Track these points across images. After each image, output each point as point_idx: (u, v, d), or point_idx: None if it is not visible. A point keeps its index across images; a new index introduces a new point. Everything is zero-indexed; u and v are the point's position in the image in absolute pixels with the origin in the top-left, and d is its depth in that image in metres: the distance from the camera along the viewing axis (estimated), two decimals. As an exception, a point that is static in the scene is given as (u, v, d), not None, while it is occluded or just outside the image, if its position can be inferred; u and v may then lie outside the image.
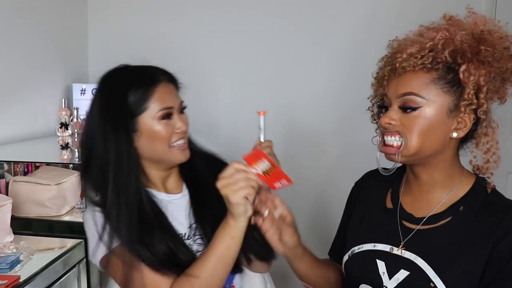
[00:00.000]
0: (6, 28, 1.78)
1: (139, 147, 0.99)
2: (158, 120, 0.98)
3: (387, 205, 0.98)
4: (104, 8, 2.44)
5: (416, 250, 0.88)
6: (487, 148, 0.86)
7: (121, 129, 0.96)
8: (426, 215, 0.90)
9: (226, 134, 2.36)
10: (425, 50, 0.84)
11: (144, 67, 1.03)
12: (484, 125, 0.86)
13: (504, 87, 0.87)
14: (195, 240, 1.04)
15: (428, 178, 0.91)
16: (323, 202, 2.35)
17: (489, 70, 0.82)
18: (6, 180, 1.56)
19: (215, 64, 2.36)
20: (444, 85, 0.83)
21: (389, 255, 0.90)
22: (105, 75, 1.03)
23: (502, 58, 0.83)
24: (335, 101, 2.30)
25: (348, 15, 2.26)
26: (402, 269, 0.87)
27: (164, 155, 1.00)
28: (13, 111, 1.85)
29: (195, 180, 1.09)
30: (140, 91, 0.97)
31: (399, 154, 0.85)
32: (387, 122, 0.86)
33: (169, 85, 1.02)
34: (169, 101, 0.99)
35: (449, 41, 0.83)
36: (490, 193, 0.88)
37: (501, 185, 0.95)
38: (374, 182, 1.05)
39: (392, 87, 0.88)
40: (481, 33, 0.84)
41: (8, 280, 1.06)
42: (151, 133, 0.98)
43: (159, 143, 0.99)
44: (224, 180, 0.85)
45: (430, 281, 0.83)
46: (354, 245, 0.98)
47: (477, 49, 0.82)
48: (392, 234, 0.92)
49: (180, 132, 1.01)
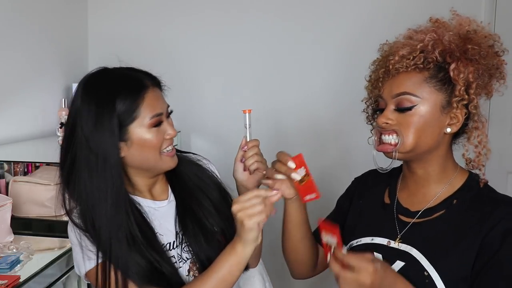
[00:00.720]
0: (6, 28, 1.78)
1: (128, 156, 0.94)
2: (149, 128, 0.93)
3: (385, 201, 1.02)
4: (104, 8, 2.44)
5: (411, 242, 0.91)
6: (478, 142, 0.91)
7: (109, 141, 0.90)
8: (421, 208, 0.94)
9: (226, 134, 2.36)
10: (416, 51, 0.89)
11: (127, 71, 0.98)
12: (474, 120, 0.91)
13: (490, 83, 0.92)
14: (183, 248, 1.01)
15: (424, 173, 0.95)
16: (323, 202, 2.35)
17: (476, 67, 0.88)
18: (6, 180, 1.56)
19: (215, 64, 2.36)
20: (436, 83, 0.88)
21: (386, 248, 0.94)
22: (87, 81, 0.96)
23: (488, 56, 0.89)
24: (332, 102, 2.30)
25: (346, 16, 2.26)
26: (398, 260, 0.90)
27: (155, 163, 0.97)
28: (13, 111, 1.85)
29: (180, 185, 1.06)
30: (129, 99, 0.91)
31: (396, 151, 0.90)
32: (384, 122, 0.91)
33: (156, 90, 0.97)
34: (158, 108, 0.95)
35: (438, 42, 0.89)
36: (482, 187, 0.92)
37: (501, 185, 0.97)
38: (373, 180, 1.09)
39: (387, 88, 0.92)
40: (467, 33, 0.89)
41: (8, 280, 1.06)
42: (142, 142, 0.93)
43: (150, 152, 0.95)
44: (241, 204, 0.84)
45: (424, 270, 0.86)
46: (352, 239, 1.01)
47: (464, 48, 0.88)
48: (390, 228, 0.96)
49: (169, 138, 0.98)
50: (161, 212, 1.02)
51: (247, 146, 1.02)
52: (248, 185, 1.03)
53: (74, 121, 0.93)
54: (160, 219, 1.01)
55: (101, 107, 0.90)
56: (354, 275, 0.78)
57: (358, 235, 1.01)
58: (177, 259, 1.00)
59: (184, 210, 1.03)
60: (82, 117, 0.91)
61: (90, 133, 0.90)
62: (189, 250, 1.01)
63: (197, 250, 1.00)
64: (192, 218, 1.02)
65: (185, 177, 1.06)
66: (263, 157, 1.03)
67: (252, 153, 1.01)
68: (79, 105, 0.93)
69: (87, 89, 0.94)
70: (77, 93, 0.95)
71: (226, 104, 2.37)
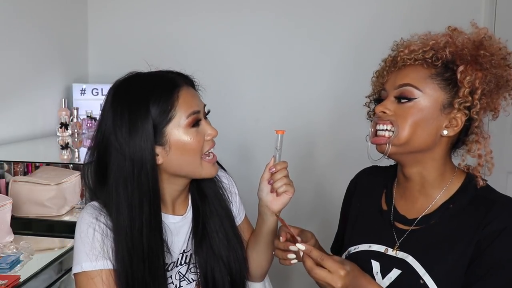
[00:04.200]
0: (6, 28, 1.78)
1: (165, 162, 0.90)
2: (187, 128, 0.89)
3: (382, 207, 1.01)
4: (104, 8, 2.44)
5: (408, 250, 0.90)
6: (478, 154, 0.90)
7: (145, 146, 0.86)
8: (419, 216, 0.93)
9: (224, 135, 2.35)
10: (427, 47, 0.88)
11: (159, 72, 0.95)
12: (474, 133, 0.90)
13: (498, 97, 0.90)
14: (190, 268, 0.99)
15: (419, 178, 0.93)
16: (323, 203, 2.35)
17: (485, 74, 0.86)
18: (6, 180, 1.56)
19: (214, 63, 2.36)
20: (441, 82, 0.87)
21: (384, 256, 0.93)
22: (117, 87, 0.92)
23: (499, 66, 0.87)
24: (337, 102, 2.29)
25: (351, 17, 2.26)
26: (395, 268, 0.90)
27: (194, 169, 0.92)
28: (13, 111, 1.85)
29: (202, 202, 1.02)
30: (162, 99, 0.87)
31: (390, 143, 0.88)
32: (381, 110, 0.90)
33: (189, 88, 0.93)
34: (195, 105, 0.91)
35: (450, 42, 0.88)
36: (480, 189, 0.91)
37: (501, 185, 0.96)
38: (368, 179, 1.08)
39: (391, 79, 0.92)
40: (482, 39, 0.88)
41: (8, 280, 1.06)
42: (181, 145, 0.89)
43: (190, 155, 0.90)
44: None
45: (420, 278, 0.86)
46: (350, 245, 1.01)
47: (477, 53, 0.87)
48: (387, 235, 0.95)
49: (210, 140, 0.93)
50: (176, 227, 0.99)
51: (275, 168, 0.98)
52: (272, 207, 0.99)
53: (107, 129, 0.89)
54: (171, 236, 0.97)
55: (134, 112, 0.86)
56: (325, 274, 0.81)
57: (356, 242, 1.00)
58: (178, 279, 0.97)
59: (203, 230, 1.00)
60: (116, 125, 0.87)
61: (124, 140, 0.86)
62: (196, 272, 0.99)
63: (206, 272, 0.98)
64: (207, 241, 0.99)
65: (207, 193, 1.03)
66: (291, 180, 1.00)
67: (281, 175, 0.97)
68: (111, 112, 0.89)
69: (119, 95, 0.90)
70: (107, 100, 0.91)
71: (226, 105, 2.37)
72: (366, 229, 1.01)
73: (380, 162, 0.96)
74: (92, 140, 0.93)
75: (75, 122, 2.13)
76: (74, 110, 2.17)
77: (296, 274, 2.36)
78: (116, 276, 0.87)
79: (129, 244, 0.87)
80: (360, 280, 0.85)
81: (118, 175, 0.87)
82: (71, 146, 1.94)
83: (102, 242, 0.88)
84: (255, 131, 2.34)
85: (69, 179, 1.57)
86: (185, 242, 1.00)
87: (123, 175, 0.87)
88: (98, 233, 0.88)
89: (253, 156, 2.33)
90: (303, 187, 2.25)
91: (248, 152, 2.34)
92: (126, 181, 0.87)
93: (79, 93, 2.26)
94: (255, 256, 1.07)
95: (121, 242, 0.87)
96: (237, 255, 1.01)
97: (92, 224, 0.89)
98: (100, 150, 0.91)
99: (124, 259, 0.87)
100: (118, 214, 0.88)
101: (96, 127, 0.93)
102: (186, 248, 1.00)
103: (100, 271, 0.87)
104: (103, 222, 0.90)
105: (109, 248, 0.88)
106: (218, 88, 2.39)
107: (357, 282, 0.84)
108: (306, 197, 2.32)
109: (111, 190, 0.88)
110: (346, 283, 0.81)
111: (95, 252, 0.88)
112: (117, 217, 0.88)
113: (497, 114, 0.92)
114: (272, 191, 0.99)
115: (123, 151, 0.86)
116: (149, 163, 0.87)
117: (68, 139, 2.05)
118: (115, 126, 0.87)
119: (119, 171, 0.87)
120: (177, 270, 0.98)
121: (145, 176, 0.87)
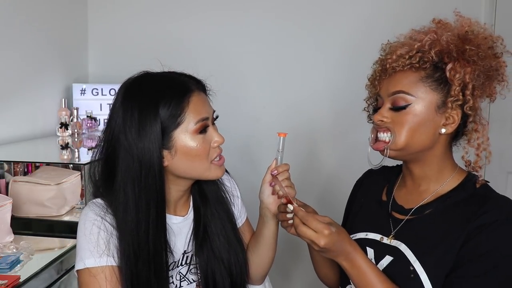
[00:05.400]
0: (6, 28, 1.78)
1: (171, 165, 0.90)
2: (194, 134, 0.89)
3: (382, 198, 1.04)
4: (104, 8, 2.44)
5: (402, 238, 0.93)
6: (478, 144, 0.91)
7: (152, 148, 0.86)
8: (415, 206, 0.95)
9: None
10: (413, 51, 0.90)
11: (170, 74, 0.94)
12: (473, 122, 0.91)
13: (491, 85, 0.92)
14: (190, 269, 0.99)
15: (420, 172, 0.96)
16: (324, 203, 2.35)
17: (474, 68, 0.87)
18: (6, 180, 1.56)
19: (214, 63, 2.36)
20: (432, 83, 0.89)
21: (378, 244, 0.96)
22: (128, 86, 0.91)
23: (487, 57, 0.88)
24: (334, 101, 2.29)
25: (347, 16, 2.26)
26: (387, 255, 0.92)
27: (202, 172, 0.92)
28: (13, 111, 1.85)
29: (204, 204, 1.03)
30: (173, 103, 0.87)
31: (387, 149, 0.91)
32: (379, 119, 0.92)
33: (201, 94, 0.93)
34: (204, 112, 0.91)
35: (435, 42, 0.89)
36: (479, 188, 0.92)
37: (501, 185, 0.97)
38: (374, 179, 1.11)
39: (384, 87, 0.94)
40: (465, 33, 0.89)
41: (8, 280, 1.06)
42: (187, 150, 0.89)
43: (196, 161, 0.90)
44: None
45: (410, 265, 0.88)
46: (349, 234, 1.01)
47: (462, 48, 0.88)
48: (384, 224, 0.98)
49: (217, 147, 0.93)
50: (177, 228, 0.99)
51: (277, 171, 0.98)
52: (273, 209, 1.01)
53: (117, 126, 0.89)
54: (173, 236, 0.97)
55: (144, 114, 0.86)
56: (310, 233, 0.84)
57: (355, 230, 1.03)
58: (179, 279, 0.98)
59: (204, 233, 1.00)
60: (126, 125, 0.87)
61: (133, 141, 0.86)
62: (197, 273, 0.99)
63: (206, 273, 0.98)
64: (208, 243, 0.99)
65: (209, 196, 1.03)
66: (292, 182, 1.00)
67: (283, 178, 0.98)
68: (122, 111, 0.88)
69: (129, 94, 0.90)
70: (117, 98, 0.91)
71: (226, 105, 2.37)
72: (365, 218, 1.04)
73: (379, 167, 0.98)
74: (101, 137, 0.93)
75: (75, 122, 2.13)
76: (74, 110, 2.17)
77: (296, 274, 2.36)
78: (121, 275, 0.87)
79: (135, 245, 0.87)
80: (345, 244, 0.87)
81: (126, 175, 0.88)
82: (71, 146, 1.94)
83: (107, 240, 0.88)
84: (256, 131, 2.34)
85: (69, 179, 1.57)
86: (186, 243, 1.00)
87: (131, 175, 0.87)
88: (102, 231, 0.89)
89: (253, 156, 2.33)
90: (305, 187, 2.25)
91: (248, 152, 2.34)
92: (134, 182, 0.87)
93: (79, 93, 2.26)
94: (256, 258, 1.07)
95: (127, 242, 0.87)
96: (238, 258, 1.02)
97: (97, 222, 0.89)
98: (109, 147, 0.91)
99: (130, 259, 0.87)
100: (124, 214, 0.88)
101: (106, 124, 0.93)
102: (187, 249, 1.00)
103: (104, 268, 0.87)
104: (108, 220, 0.90)
105: (114, 247, 0.88)
106: (218, 88, 2.39)
107: (342, 245, 0.86)
108: (307, 197, 2.32)
109: (118, 189, 0.88)
110: (329, 242, 0.84)
111: (99, 249, 0.88)
112: (124, 217, 0.88)
113: (494, 97, 0.94)
114: (274, 193, 1.00)
115: (131, 152, 0.87)
116: (156, 166, 0.87)
117: (68, 139, 2.05)
118: (125, 125, 0.87)
119: (127, 172, 0.87)
120: (178, 270, 0.98)
121: (152, 178, 0.87)
